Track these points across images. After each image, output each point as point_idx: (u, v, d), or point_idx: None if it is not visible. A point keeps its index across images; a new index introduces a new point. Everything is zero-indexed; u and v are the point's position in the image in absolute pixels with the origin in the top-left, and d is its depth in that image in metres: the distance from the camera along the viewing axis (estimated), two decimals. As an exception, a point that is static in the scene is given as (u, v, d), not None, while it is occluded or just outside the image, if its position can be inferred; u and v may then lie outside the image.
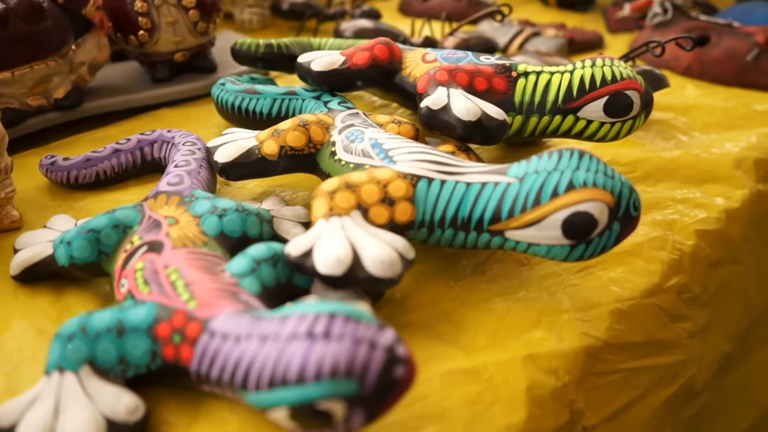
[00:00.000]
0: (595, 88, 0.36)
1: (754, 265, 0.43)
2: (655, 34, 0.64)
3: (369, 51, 0.41)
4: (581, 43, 0.66)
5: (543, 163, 0.28)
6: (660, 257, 0.35)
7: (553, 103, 0.37)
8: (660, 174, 0.42)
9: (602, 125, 0.37)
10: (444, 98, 0.34)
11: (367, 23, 0.61)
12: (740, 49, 0.59)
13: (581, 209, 0.26)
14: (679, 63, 0.61)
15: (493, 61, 0.39)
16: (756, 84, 0.58)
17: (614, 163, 0.43)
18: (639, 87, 0.36)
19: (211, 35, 0.52)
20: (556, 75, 0.37)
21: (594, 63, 0.37)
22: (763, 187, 0.44)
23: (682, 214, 0.38)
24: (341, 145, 0.34)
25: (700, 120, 0.51)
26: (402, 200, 0.29)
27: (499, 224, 0.28)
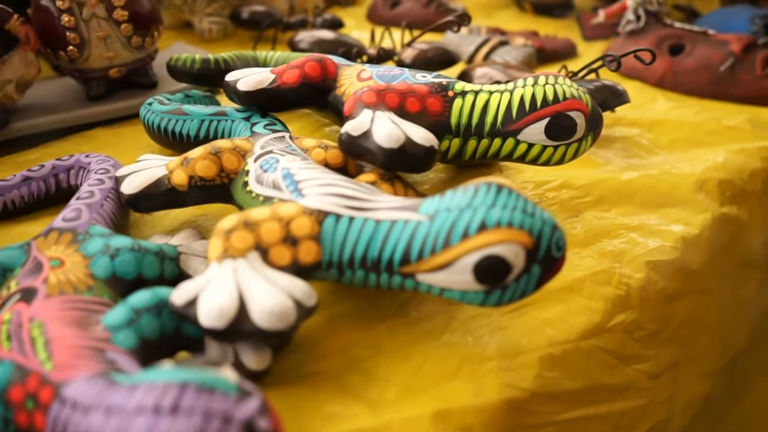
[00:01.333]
0: (536, 109, 0.34)
1: (728, 294, 0.41)
2: (628, 42, 0.62)
3: (299, 69, 0.39)
4: (551, 52, 0.64)
5: (457, 199, 0.26)
6: (603, 293, 0.33)
7: (492, 126, 0.35)
8: (615, 198, 0.40)
9: (545, 149, 0.34)
10: (366, 123, 0.32)
11: (325, 34, 0.59)
12: (714, 59, 0.56)
13: (493, 252, 0.24)
14: (653, 73, 0.59)
15: (430, 79, 0.37)
16: (730, 96, 0.55)
17: (566, 186, 0.40)
18: (584, 107, 0.34)
19: (149, 49, 0.50)
20: (495, 95, 0.35)
21: (536, 81, 0.35)
22: (728, 211, 0.41)
23: (633, 244, 0.36)
24: (254, 175, 0.32)
25: (667, 136, 0.49)
26: (306, 239, 0.27)
27: (409, 266, 0.26)
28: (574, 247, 0.36)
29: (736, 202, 0.43)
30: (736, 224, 0.42)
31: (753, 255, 0.43)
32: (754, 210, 0.44)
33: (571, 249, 0.36)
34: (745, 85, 0.55)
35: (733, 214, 0.42)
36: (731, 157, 0.45)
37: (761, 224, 0.44)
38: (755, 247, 0.43)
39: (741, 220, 0.42)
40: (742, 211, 0.43)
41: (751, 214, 0.43)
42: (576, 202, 0.40)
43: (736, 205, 0.43)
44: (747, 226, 0.43)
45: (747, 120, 0.51)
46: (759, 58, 0.55)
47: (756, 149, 0.47)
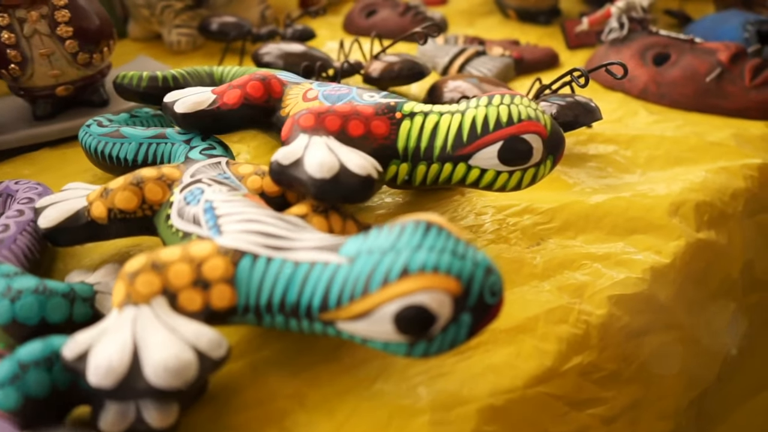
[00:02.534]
0: (488, 132, 0.32)
1: (700, 326, 0.38)
2: (611, 51, 0.60)
3: (241, 88, 0.37)
4: (531, 62, 0.61)
5: (381, 239, 0.24)
6: (558, 333, 0.30)
7: (442, 150, 0.33)
8: (581, 224, 0.38)
9: (499, 174, 0.32)
10: (298, 150, 0.30)
11: (291, 46, 0.57)
12: (700, 69, 0.54)
13: (415, 302, 0.22)
14: (635, 84, 0.56)
15: (378, 99, 0.35)
16: (716, 108, 0.53)
17: (530, 211, 0.38)
18: (541, 129, 0.32)
19: (99, 66, 0.48)
20: (446, 116, 0.33)
21: (490, 101, 0.33)
22: (705, 236, 0.39)
23: (597, 276, 0.34)
24: (177, 208, 0.30)
25: (645, 153, 0.46)
26: (219, 282, 0.25)
27: (329, 314, 0.24)
28: (532, 279, 0.34)
29: (714, 226, 0.40)
30: (713, 250, 0.39)
31: (730, 283, 0.41)
32: (733, 234, 0.41)
33: (527, 282, 0.34)
34: (732, 97, 0.53)
35: (711, 240, 0.39)
36: (712, 176, 0.43)
37: (741, 249, 0.42)
38: (733, 274, 0.41)
39: (719, 245, 0.40)
40: (720, 236, 0.40)
41: (730, 238, 0.41)
42: (539, 229, 0.37)
43: (715, 229, 0.40)
44: (725, 251, 0.40)
45: (732, 135, 0.49)
46: (748, 68, 0.53)
47: (739, 167, 0.45)
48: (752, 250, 0.44)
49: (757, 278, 0.45)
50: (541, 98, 0.45)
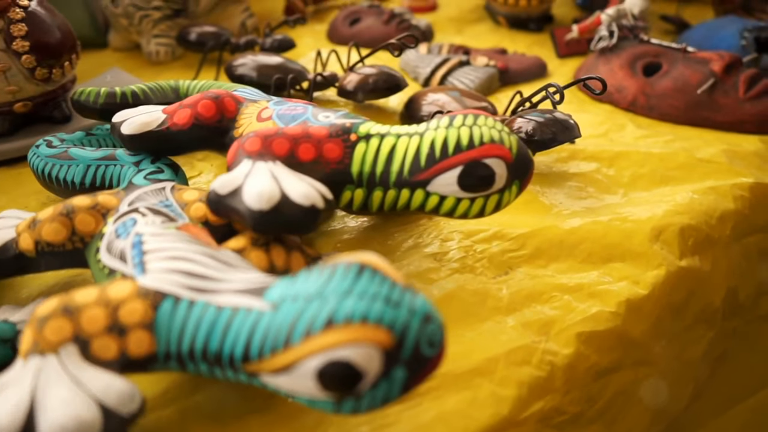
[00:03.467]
0: (447, 156, 0.30)
1: (673, 357, 0.36)
2: (600, 60, 0.57)
3: (191, 108, 0.35)
4: (517, 72, 0.59)
5: (309, 283, 0.22)
6: (519, 376, 0.28)
7: (398, 175, 0.31)
8: (554, 251, 0.36)
9: (459, 201, 0.30)
10: (238, 178, 0.28)
11: (266, 58, 0.55)
12: (692, 80, 0.51)
13: (339, 356, 0.20)
14: (624, 96, 0.54)
15: (333, 120, 0.33)
16: (708, 122, 0.50)
17: (500, 237, 0.36)
18: (505, 153, 0.30)
19: (59, 81, 0.46)
20: (404, 139, 0.31)
21: (451, 123, 0.30)
22: (688, 263, 0.37)
23: (567, 310, 0.32)
24: (107, 241, 0.28)
25: (629, 171, 0.44)
26: (137, 328, 0.23)
27: (252, 365, 0.22)
28: (496, 314, 0.31)
29: (698, 252, 0.38)
30: (696, 279, 0.37)
31: (710, 311, 0.38)
32: (719, 260, 0.39)
33: (491, 317, 0.31)
34: (725, 109, 0.50)
35: (694, 267, 0.37)
36: (699, 197, 0.41)
37: (725, 276, 0.39)
38: (715, 302, 0.39)
39: (702, 273, 0.37)
40: (704, 262, 0.38)
41: (714, 264, 0.38)
42: (508, 257, 0.35)
43: (699, 254, 0.38)
44: (708, 279, 0.38)
45: (723, 151, 0.46)
46: (742, 79, 0.50)
47: (729, 187, 0.42)
48: (737, 276, 0.41)
49: (739, 304, 0.42)
50: (519, 114, 0.42)
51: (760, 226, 0.43)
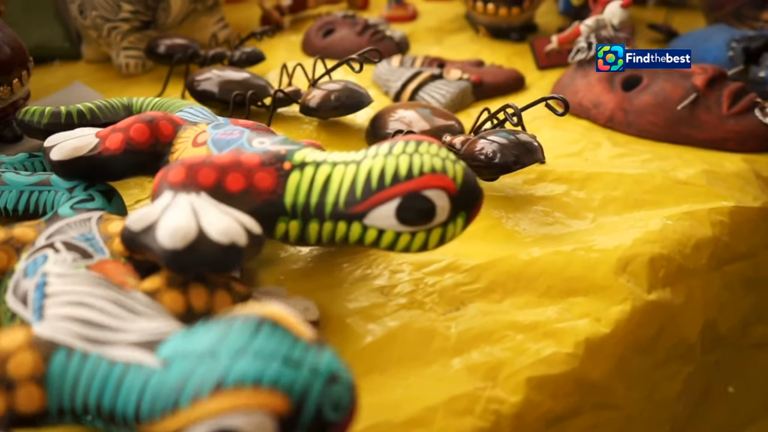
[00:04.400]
0: (384, 188, 0.28)
1: (644, 398, 0.34)
2: (578, 73, 0.55)
3: (123, 132, 0.33)
4: (492, 85, 0.57)
5: (204, 338, 0.20)
6: (460, 427, 0.26)
7: (334, 207, 0.29)
8: (511, 284, 0.33)
9: (399, 236, 0.28)
10: (153, 213, 0.26)
11: (229, 73, 0.53)
12: (673, 95, 0.49)
13: (226, 425, 0.18)
14: (601, 111, 0.52)
15: (268, 146, 0.31)
16: (689, 139, 0.48)
17: (453, 268, 0.34)
18: (448, 184, 0.28)
19: (7, 99, 0.45)
20: (340, 167, 0.29)
21: (391, 150, 0.28)
22: (658, 297, 0.34)
23: (518, 351, 0.30)
24: (15, 280, 0.26)
25: (601, 194, 0.42)
26: (26, 382, 0.21)
27: (143, 426, 0.20)
28: (441, 356, 0.29)
29: (670, 283, 0.35)
30: (667, 313, 0.35)
31: (685, 346, 0.36)
32: (694, 291, 0.36)
33: (436, 359, 0.29)
34: (707, 126, 0.48)
35: (664, 301, 0.35)
36: (673, 223, 0.38)
37: (702, 308, 0.37)
38: (690, 337, 0.36)
39: (674, 306, 0.35)
40: (677, 295, 0.36)
41: (689, 296, 0.36)
42: (461, 291, 0.33)
43: (671, 287, 0.35)
44: (682, 312, 0.36)
45: (703, 172, 0.44)
46: (726, 94, 0.48)
47: (707, 212, 0.40)
48: (715, 307, 0.39)
49: (720, 336, 0.40)
50: (481, 135, 0.40)
51: (741, 253, 0.41)
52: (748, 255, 0.41)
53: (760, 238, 0.42)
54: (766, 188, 0.44)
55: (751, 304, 0.43)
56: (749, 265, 0.42)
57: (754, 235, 0.42)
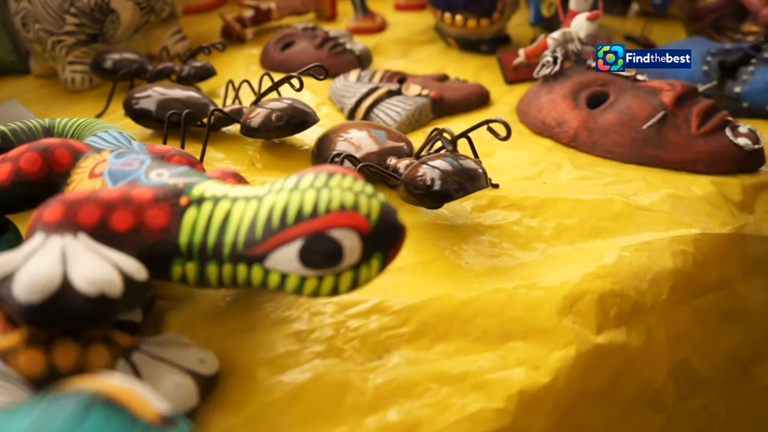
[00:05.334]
0: (286, 227, 0.25)
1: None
2: (543, 89, 0.53)
3: (13, 162, 0.31)
4: (453, 101, 0.54)
5: (22, 424, 0.17)
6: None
7: (232, 248, 0.26)
8: (443, 327, 0.31)
9: (304, 280, 0.25)
10: (14, 260, 0.23)
11: (169, 90, 0.50)
12: (640, 113, 0.46)
13: None
14: (565, 130, 0.49)
15: (165, 179, 0.28)
16: (656, 160, 0.45)
17: (380, 309, 0.31)
18: (359, 222, 0.25)
19: None
20: (240, 203, 0.26)
21: (297, 184, 0.26)
22: (608, 339, 0.31)
23: (441, 407, 0.27)
24: None
25: (555, 222, 0.39)
26: None
27: None
28: (353, 414, 0.26)
29: (625, 322, 0.33)
30: (623, 356, 0.32)
31: (652, 393, 0.33)
32: (656, 330, 0.34)
33: (346, 419, 0.26)
34: (675, 147, 0.45)
35: (618, 343, 0.32)
36: (630, 254, 0.35)
37: (667, 348, 0.34)
38: (656, 381, 0.33)
39: (631, 348, 0.32)
40: (634, 335, 0.33)
41: (650, 336, 0.33)
42: (386, 336, 0.30)
43: (626, 326, 0.33)
44: (642, 354, 0.33)
45: (667, 197, 0.41)
46: (695, 112, 0.45)
47: (668, 241, 0.37)
48: (687, 346, 0.36)
49: (699, 377, 0.37)
50: (422, 159, 0.38)
51: (713, 284, 0.38)
52: (721, 286, 0.39)
53: (733, 266, 0.40)
54: (736, 212, 0.42)
55: (740, 341, 0.40)
56: (725, 297, 0.39)
57: (725, 264, 0.39)
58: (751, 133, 0.45)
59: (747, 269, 0.40)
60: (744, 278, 0.40)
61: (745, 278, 0.40)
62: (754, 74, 0.54)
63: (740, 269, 0.40)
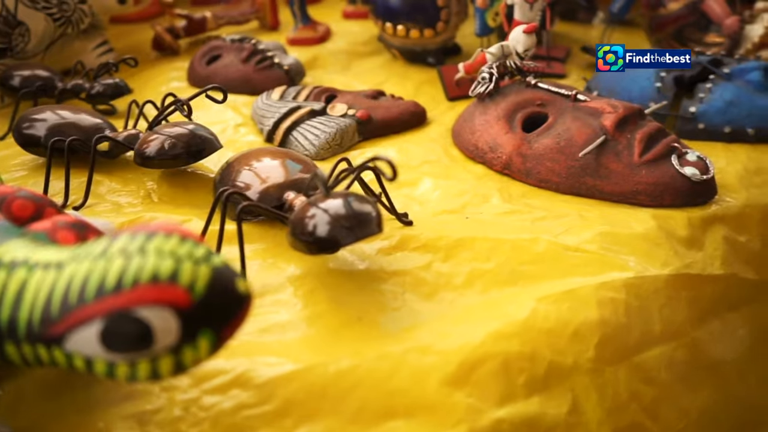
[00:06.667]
0: (84, 303, 0.21)
1: None
2: (478, 109, 0.49)
3: None
4: (383, 122, 0.50)
5: None
6: None
7: (28, 326, 0.22)
8: (312, 404, 0.26)
9: (113, 366, 0.21)
10: None
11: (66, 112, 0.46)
12: (578, 138, 0.42)
13: None
14: (498, 156, 0.45)
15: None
16: (595, 192, 0.41)
17: (241, 383, 0.27)
18: (176, 297, 0.21)
19: None
20: (38, 273, 0.22)
21: (106, 250, 0.22)
22: (513, 414, 0.27)
23: None
24: None
25: (469, 266, 0.35)
26: None
27: None
28: None
29: (541, 390, 0.29)
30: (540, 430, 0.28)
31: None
32: (583, 395, 0.29)
33: None
34: (615, 176, 0.41)
35: (528, 415, 0.28)
36: (547, 306, 0.31)
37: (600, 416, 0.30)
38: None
39: (550, 420, 0.28)
40: (554, 404, 0.29)
41: (576, 403, 0.29)
42: (243, 416, 0.26)
43: (542, 394, 0.29)
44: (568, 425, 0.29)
45: (601, 235, 0.37)
46: (638, 138, 0.42)
47: (595, 288, 0.33)
48: (637, 408, 0.32)
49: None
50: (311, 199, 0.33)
51: (658, 335, 0.34)
52: (671, 336, 0.35)
53: (683, 312, 0.36)
54: (681, 250, 0.38)
55: (717, 400, 0.36)
56: (679, 348, 0.35)
57: (671, 311, 0.35)
58: (700, 162, 0.41)
59: (702, 314, 0.36)
60: (701, 325, 0.36)
61: (702, 325, 0.36)
62: (713, 92, 0.50)
63: (693, 315, 0.36)
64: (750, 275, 0.39)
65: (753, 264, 0.40)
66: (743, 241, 0.40)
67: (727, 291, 0.38)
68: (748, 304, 0.40)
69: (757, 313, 0.40)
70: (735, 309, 0.39)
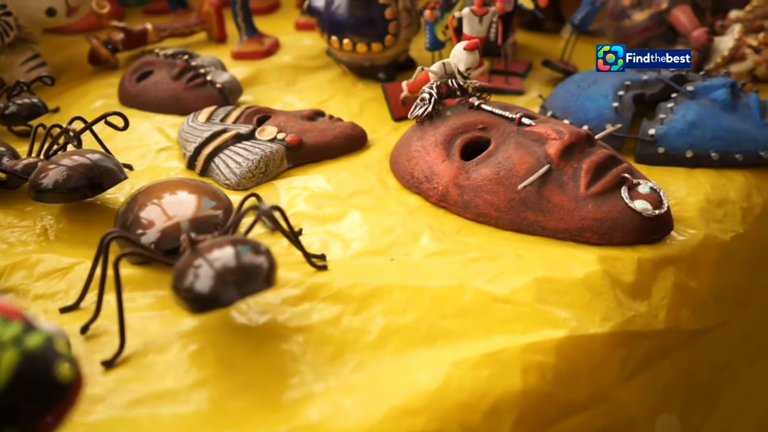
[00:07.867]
0: None
1: None
2: (416, 133, 0.45)
3: None
4: (316, 147, 0.46)
5: None
6: None
7: None
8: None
9: None
10: None
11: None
12: (520, 167, 0.39)
13: None
14: (434, 186, 0.41)
15: None
16: (537, 228, 0.37)
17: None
18: None
19: None
20: None
21: None
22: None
23: None
24: None
25: (384, 320, 0.31)
26: None
27: None
28: None
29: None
30: None
31: None
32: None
33: None
34: (559, 211, 0.37)
35: None
36: (463, 373, 0.28)
37: None
38: None
39: None
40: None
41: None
42: None
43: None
44: None
45: (536, 282, 0.33)
46: (585, 168, 0.38)
47: (520, 350, 0.29)
48: None
49: None
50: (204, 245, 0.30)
51: (582, 402, 0.30)
52: (593, 402, 0.31)
53: (612, 373, 0.32)
54: (625, 300, 0.34)
55: None
56: (598, 415, 0.31)
57: (600, 373, 0.31)
58: (653, 194, 0.37)
59: (630, 372, 0.32)
60: (626, 384, 0.32)
61: (627, 383, 0.32)
62: (674, 111, 0.46)
63: (621, 374, 0.32)
64: (691, 325, 0.36)
65: (697, 312, 0.36)
66: (693, 286, 0.36)
67: (664, 343, 0.34)
68: (680, 350, 0.36)
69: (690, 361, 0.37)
70: (666, 356, 0.35)
